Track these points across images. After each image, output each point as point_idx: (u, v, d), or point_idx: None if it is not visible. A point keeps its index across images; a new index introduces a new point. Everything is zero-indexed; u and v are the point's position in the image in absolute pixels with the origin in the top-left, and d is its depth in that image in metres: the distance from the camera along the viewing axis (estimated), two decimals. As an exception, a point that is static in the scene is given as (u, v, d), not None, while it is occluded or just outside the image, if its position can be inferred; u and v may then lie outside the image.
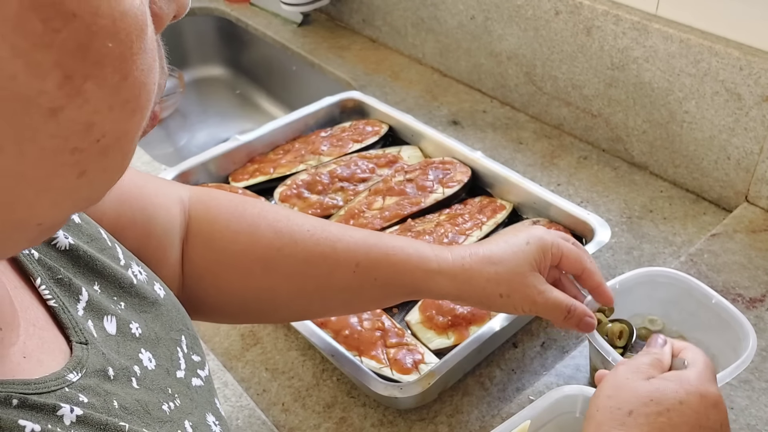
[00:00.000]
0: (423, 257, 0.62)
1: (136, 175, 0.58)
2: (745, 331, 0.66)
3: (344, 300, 0.65)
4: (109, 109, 0.28)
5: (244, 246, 0.61)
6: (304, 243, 0.61)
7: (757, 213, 0.93)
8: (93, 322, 0.43)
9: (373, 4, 1.39)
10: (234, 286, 0.62)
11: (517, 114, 1.19)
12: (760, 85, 0.86)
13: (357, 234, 0.63)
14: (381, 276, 0.62)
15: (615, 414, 0.49)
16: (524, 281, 0.62)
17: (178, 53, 1.64)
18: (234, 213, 0.62)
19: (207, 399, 0.50)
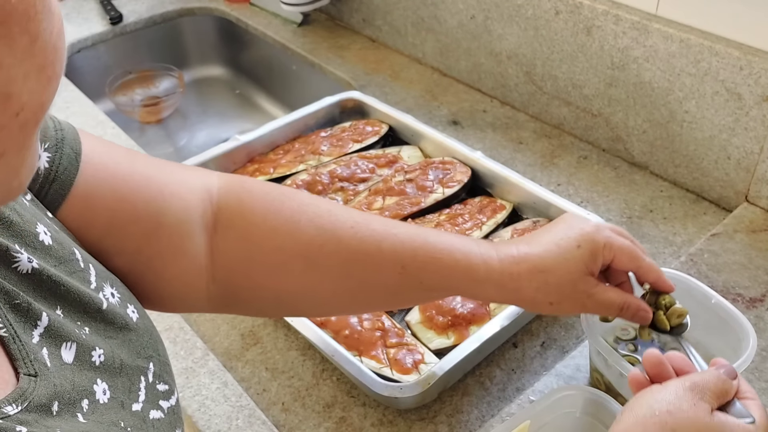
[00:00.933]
0: (471, 264, 0.59)
1: (145, 166, 0.56)
2: (745, 331, 0.66)
3: (387, 299, 0.63)
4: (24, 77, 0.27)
5: (283, 242, 0.58)
6: (348, 241, 0.58)
7: (757, 213, 0.93)
8: (49, 350, 0.41)
9: (373, 3, 1.39)
10: (270, 282, 0.59)
11: (517, 114, 1.19)
12: (760, 85, 0.86)
13: (402, 231, 0.60)
14: (427, 280, 0.59)
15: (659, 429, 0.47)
16: (575, 288, 0.59)
17: (178, 53, 1.64)
18: (271, 206, 0.59)
19: (166, 428, 0.48)
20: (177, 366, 0.79)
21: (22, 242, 0.43)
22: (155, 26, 1.59)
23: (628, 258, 0.61)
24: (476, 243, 0.61)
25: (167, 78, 1.54)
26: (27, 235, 0.44)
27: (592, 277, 0.60)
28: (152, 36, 1.59)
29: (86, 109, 1.24)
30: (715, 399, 0.49)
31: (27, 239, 0.44)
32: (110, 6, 1.56)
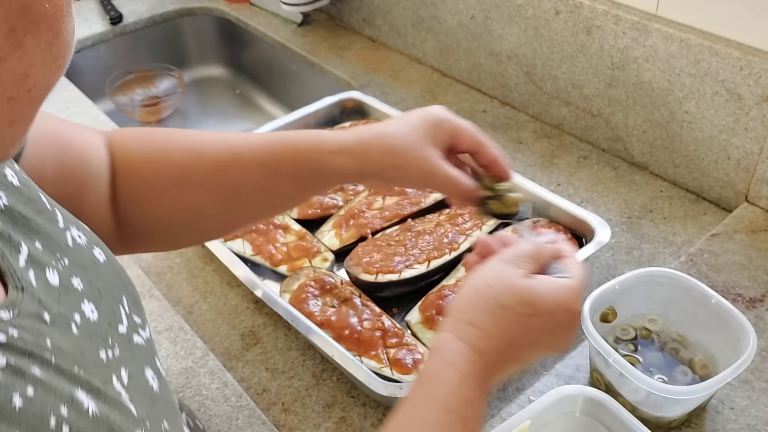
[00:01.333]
0: (321, 140, 0.65)
1: (69, 124, 0.63)
2: (744, 331, 0.66)
3: (262, 200, 0.68)
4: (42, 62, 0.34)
5: (158, 169, 0.65)
6: (210, 155, 0.65)
7: (757, 213, 0.93)
8: (35, 272, 0.44)
9: (373, 3, 1.39)
10: (157, 209, 0.65)
11: (517, 114, 1.19)
12: (760, 85, 0.86)
13: (258, 136, 0.67)
14: (286, 169, 0.65)
15: (490, 303, 0.52)
16: (418, 153, 0.64)
17: (178, 53, 1.64)
18: (143, 141, 0.67)
19: (147, 356, 0.52)
20: (177, 366, 0.79)
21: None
22: (155, 26, 1.59)
23: (469, 135, 0.67)
24: (331, 132, 0.67)
25: (167, 78, 1.54)
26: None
27: (435, 149, 0.65)
28: (152, 36, 1.59)
29: (86, 109, 1.24)
30: (530, 264, 0.55)
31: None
32: (110, 6, 1.56)
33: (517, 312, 0.52)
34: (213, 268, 0.93)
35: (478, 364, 0.51)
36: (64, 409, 0.38)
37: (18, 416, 0.35)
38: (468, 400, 0.50)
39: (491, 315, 0.52)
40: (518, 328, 0.52)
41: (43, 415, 0.36)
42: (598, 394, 0.62)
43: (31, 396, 0.36)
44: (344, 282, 0.86)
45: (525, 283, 0.53)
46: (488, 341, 0.51)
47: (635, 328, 0.74)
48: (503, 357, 0.52)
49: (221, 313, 0.87)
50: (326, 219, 0.97)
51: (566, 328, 0.54)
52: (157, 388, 0.50)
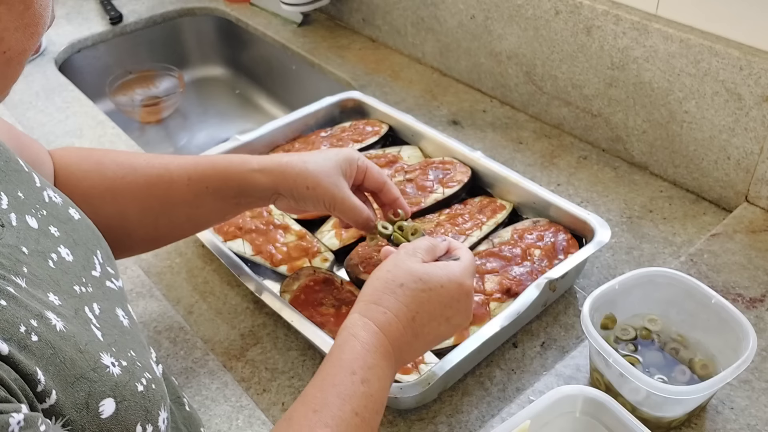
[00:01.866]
0: (244, 161, 0.74)
1: (25, 136, 0.71)
2: (744, 331, 0.66)
3: (187, 214, 0.75)
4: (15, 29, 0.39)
5: (93, 180, 0.73)
6: (143, 169, 0.73)
7: (757, 213, 0.93)
8: (17, 215, 0.50)
9: (373, 3, 1.39)
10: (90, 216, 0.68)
11: (517, 114, 1.19)
12: (760, 85, 0.86)
13: (191, 157, 0.76)
14: (211, 184, 0.73)
15: (389, 284, 0.61)
16: (329, 180, 0.73)
17: (178, 53, 1.64)
18: (82, 157, 0.75)
19: (119, 299, 0.57)
20: (177, 366, 0.79)
21: None
22: (155, 26, 1.59)
23: (376, 175, 0.78)
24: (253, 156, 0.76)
25: (167, 78, 1.54)
26: None
27: (344, 179, 0.75)
28: (152, 36, 1.59)
29: (86, 109, 1.24)
30: (426, 254, 0.65)
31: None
32: (110, 6, 1.56)
33: (412, 288, 0.61)
34: (213, 268, 0.93)
35: (380, 335, 0.58)
36: (33, 321, 0.43)
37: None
38: (370, 365, 0.56)
39: (391, 294, 0.60)
40: (414, 302, 0.60)
41: (14, 322, 0.42)
42: (598, 394, 0.62)
43: (3, 305, 0.42)
44: (344, 282, 0.86)
45: (419, 266, 0.62)
46: (388, 315, 0.59)
47: (635, 328, 0.74)
48: (406, 330, 0.60)
49: (221, 313, 0.87)
50: (326, 219, 0.97)
51: (459, 301, 0.62)
52: (126, 324, 0.55)
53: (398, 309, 0.60)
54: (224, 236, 0.92)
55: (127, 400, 0.48)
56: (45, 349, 0.43)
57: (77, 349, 0.46)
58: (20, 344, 0.41)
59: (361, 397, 0.55)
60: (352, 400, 0.54)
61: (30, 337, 0.42)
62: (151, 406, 0.50)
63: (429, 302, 0.61)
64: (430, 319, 0.61)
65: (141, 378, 0.50)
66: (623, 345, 0.73)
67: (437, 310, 0.61)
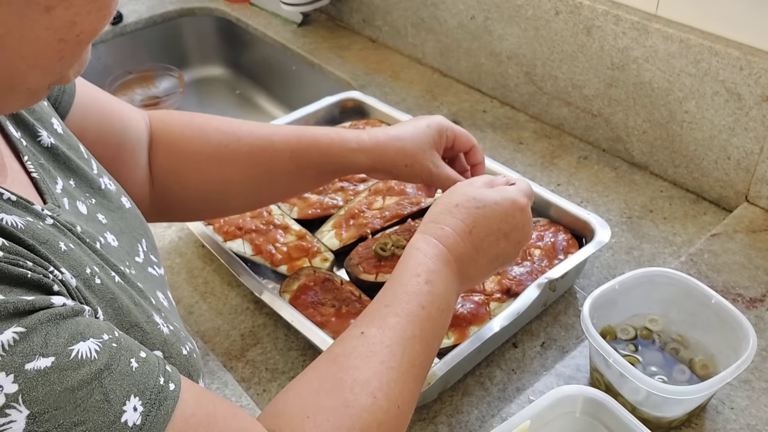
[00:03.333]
0: (344, 140, 0.76)
1: (113, 99, 0.72)
2: (744, 331, 0.66)
3: (287, 183, 0.78)
4: (88, 12, 0.40)
5: (198, 147, 0.75)
6: (246, 138, 0.76)
7: (757, 213, 0.93)
8: (69, 201, 0.53)
9: (373, 4, 1.39)
10: (194, 181, 0.75)
11: (517, 114, 1.19)
12: (760, 85, 0.86)
13: (287, 128, 0.78)
14: (313, 159, 0.76)
15: (446, 206, 0.65)
16: (424, 155, 0.77)
17: (178, 53, 1.64)
18: (185, 122, 0.77)
19: (160, 284, 0.61)
20: (177, 366, 0.79)
21: (43, 125, 0.57)
22: (155, 26, 1.59)
23: (465, 138, 0.81)
24: (351, 131, 0.79)
25: (167, 78, 1.54)
26: (45, 121, 0.57)
27: (437, 152, 0.78)
28: (152, 36, 1.59)
29: (86, 109, 1.24)
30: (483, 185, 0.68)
31: (45, 124, 0.57)
32: (110, 6, 1.56)
33: (467, 207, 0.64)
34: (213, 268, 0.93)
35: (439, 246, 0.62)
36: (96, 268, 0.48)
37: (63, 255, 0.45)
38: (432, 269, 0.60)
39: (448, 213, 0.64)
40: (470, 218, 0.64)
41: (81, 263, 0.46)
42: (598, 394, 0.62)
43: (72, 248, 0.46)
44: (344, 282, 0.86)
45: (474, 189, 0.67)
46: (446, 230, 0.63)
47: (635, 328, 0.74)
48: (465, 242, 0.63)
49: (221, 313, 0.87)
50: (326, 219, 0.97)
51: (513, 216, 0.65)
52: (167, 306, 0.59)
53: (455, 224, 0.63)
54: (224, 236, 0.92)
55: (173, 357, 0.52)
56: (106, 293, 0.47)
57: (132, 301, 0.50)
58: (86, 283, 0.46)
59: (426, 294, 0.59)
60: (419, 296, 0.58)
61: (94, 278, 0.47)
62: (193, 371, 0.55)
63: (484, 217, 0.64)
64: (487, 233, 0.64)
65: (186, 344, 0.55)
66: (623, 345, 0.73)
67: (493, 225, 0.64)
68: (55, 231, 0.46)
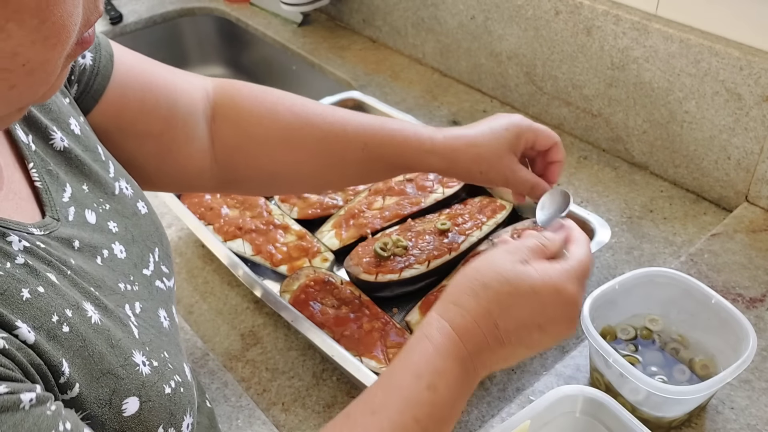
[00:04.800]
0: (419, 139, 0.73)
1: (163, 69, 0.69)
2: (745, 331, 0.66)
3: (357, 172, 0.76)
4: (31, 43, 0.36)
5: (267, 128, 0.72)
6: (319, 124, 0.72)
7: (757, 213, 0.93)
8: (76, 209, 0.51)
9: (373, 4, 1.39)
10: (262, 161, 0.72)
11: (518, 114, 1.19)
12: (760, 85, 0.86)
13: (364, 117, 0.75)
14: (386, 154, 0.73)
15: (473, 283, 0.53)
16: (500, 162, 0.73)
17: (178, 53, 1.64)
18: (255, 99, 0.73)
19: (165, 300, 0.57)
20: (177, 366, 0.79)
21: (58, 126, 0.54)
22: (155, 26, 1.59)
23: (546, 135, 0.76)
24: (423, 126, 0.76)
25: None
26: (62, 121, 0.55)
27: (515, 156, 0.74)
28: (152, 36, 1.59)
29: (86, 109, 1.24)
30: (531, 254, 0.55)
31: (62, 124, 0.54)
32: (110, 6, 1.56)
33: (496, 290, 0.52)
34: (213, 268, 0.93)
35: (456, 339, 0.51)
36: (68, 311, 0.43)
37: (22, 306, 0.40)
38: (439, 370, 0.50)
39: (473, 295, 0.53)
40: (498, 307, 0.52)
41: (47, 311, 0.42)
42: (598, 394, 0.62)
43: (40, 292, 0.42)
44: (344, 282, 0.86)
45: (510, 266, 0.53)
46: (467, 318, 0.52)
47: (635, 328, 0.74)
48: (488, 336, 0.52)
49: (221, 313, 0.87)
50: (326, 219, 0.97)
51: (555, 308, 0.53)
52: (166, 326, 0.55)
53: (478, 312, 0.52)
54: (224, 236, 0.92)
55: (152, 400, 0.47)
56: (74, 341, 0.43)
57: (109, 344, 0.46)
58: (50, 334, 0.42)
59: (425, 403, 0.49)
60: (415, 405, 0.49)
61: (61, 327, 0.43)
62: (177, 409, 0.49)
63: (516, 307, 0.52)
64: (518, 326, 0.52)
65: (170, 380, 0.50)
66: (623, 345, 0.73)
67: (526, 317, 0.52)
68: (23, 272, 0.42)
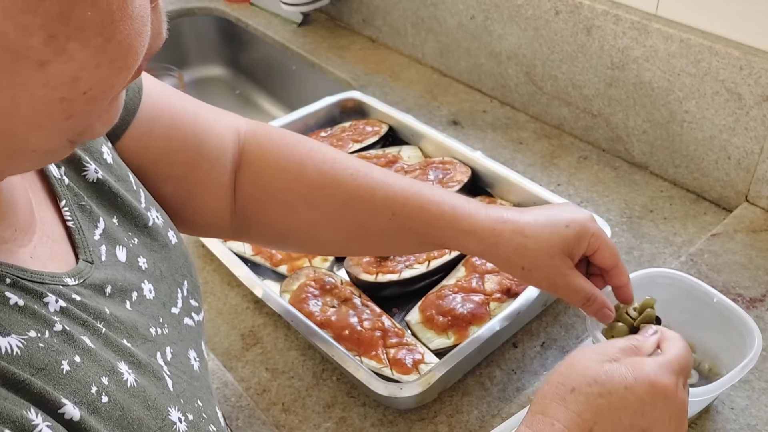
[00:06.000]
0: (456, 216, 0.63)
1: (192, 104, 0.64)
2: (749, 329, 0.65)
3: (381, 243, 0.69)
4: (96, 66, 0.33)
5: (289, 183, 0.65)
6: (346, 186, 0.65)
7: (757, 213, 0.93)
8: (107, 247, 0.49)
9: (373, 4, 1.39)
10: (276, 217, 0.67)
11: (517, 114, 1.19)
12: (760, 85, 0.86)
13: (397, 182, 0.66)
14: (415, 227, 0.65)
15: (559, 389, 0.49)
16: (550, 262, 0.62)
17: (178, 53, 1.63)
18: (283, 151, 0.67)
19: (194, 338, 0.55)
20: (177, 366, 0.79)
21: (91, 156, 0.51)
22: (155, 26, 1.58)
23: (609, 254, 0.65)
24: (467, 200, 0.65)
25: (167, 78, 1.53)
26: (94, 151, 0.52)
27: (569, 259, 0.63)
28: (152, 36, 1.59)
29: (86, 109, 1.24)
30: (624, 355, 0.51)
31: (95, 154, 0.52)
32: (110, 6, 1.56)
33: (585, 393, 0.48)
34: (213, 268, 0.93)
35: None
36: (105, 379, 0.41)
37: (64, 379, 0.39)
38: None
39: (560, 401, 0.49)
40: (590, 410, 0.48)
41: (86, 383, 0.40)
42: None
43: (78, 362, 0.40)
44: (344, 282, 0.86)
45: (597, 365, 0.50)
46: (556, 427, 0.48)
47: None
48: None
49: (221, 313, 0.87)
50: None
51: (654, 405, 0.49)
52: (197, 368, 0.53)
53: (569, 419, 0.48)
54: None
55: None
56: (114, 411, 0.41)
57: (146, 407, 0.44)
58: (90, 407, 0.40)
59: None
60: None
61: (101, 398, 0.40)
62: None
63: (610, 410, 0.48)
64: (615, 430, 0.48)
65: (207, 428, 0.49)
66: (623, 345, 0.73)
67: (623, 419, 0.48)
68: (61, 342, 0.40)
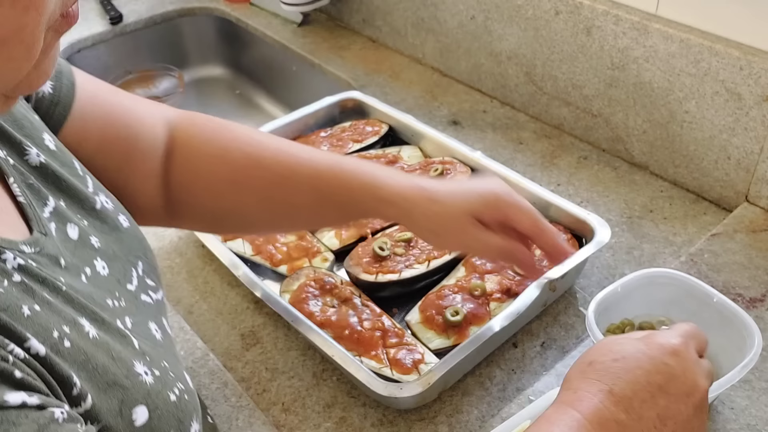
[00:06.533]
0: (376, 185, 0.67)
1: (125, 98, 0.67)
2: (749, 329, 0.65)
3: (307, 217, 0.73)
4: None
5: (215, 167, 0.68)
6: (269, 165, 0.68)
7: (757, 213, 0.93)
8: (57, 225, 0.49)
9: (373, 4, 1.39)
10: (206, 201, 0.70)
11: (517, 114, 1.19)
12: (760, 85, 0.86)
13: (320, 157, 0.69)
14: (337, 199, 0.68)
15: (579, 366, 0.53)
16: (459, 227, 0.65)
17: (178, 53, 1.63)
18: (209, 136, 0.70)
19: (153, 313, 0.56)
20: (177, 366, 0.79)
21: (33, 141, 0.52)
22: (155, 26, 1.59)
23: (527, 218, 0.67)
24: (388, 170, 0.69)
25: (167, 78, 1.54)
26: (36, 137, 0.53)
27: (480, 223, 0.66)
28: (152, 36, 1.59)
29: (86, 109, 1.24)
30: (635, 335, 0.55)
31: (36, 140, 0.53)
32: (110, 6, 1.56)
33: (601, 362, 0.52)
34: (213, 268, 0.93)
35: (575, 415, 0.50)
36: (66, 328, 0.43)
37: (26, 322, 0.40)
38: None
39: (581, 375, 0.52)
40: (608, 375, 0.51)
41: (47, 327, 0.41)
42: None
43: (37, 310, 0.41)
44: (344, 282, 0.86)
45: (616, 341, 0.53)
46: (579, 393, 0.51)
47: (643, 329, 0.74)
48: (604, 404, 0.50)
49: (221, 313, 0.87)
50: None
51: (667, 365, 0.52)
52: (159, 338, 0.54)
53: (589, 385, 0.51)
54: (224, 236, 0.92)
55: (159, 408, 0.48)
56: (77, 355, 0.43)
57: (110, 356, 0.45)
58: (53, 348, 0.41)
59: None
60: None
61: (63, 343, 0.42)
62: (184, 416, 0.50)
63: (626, 370, 0.51)
64: (635, 389, 0.50)
65: (174, 388, 0.50)
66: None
67: (640, 378, 0.51)
68: (20, 291, 0.42)
